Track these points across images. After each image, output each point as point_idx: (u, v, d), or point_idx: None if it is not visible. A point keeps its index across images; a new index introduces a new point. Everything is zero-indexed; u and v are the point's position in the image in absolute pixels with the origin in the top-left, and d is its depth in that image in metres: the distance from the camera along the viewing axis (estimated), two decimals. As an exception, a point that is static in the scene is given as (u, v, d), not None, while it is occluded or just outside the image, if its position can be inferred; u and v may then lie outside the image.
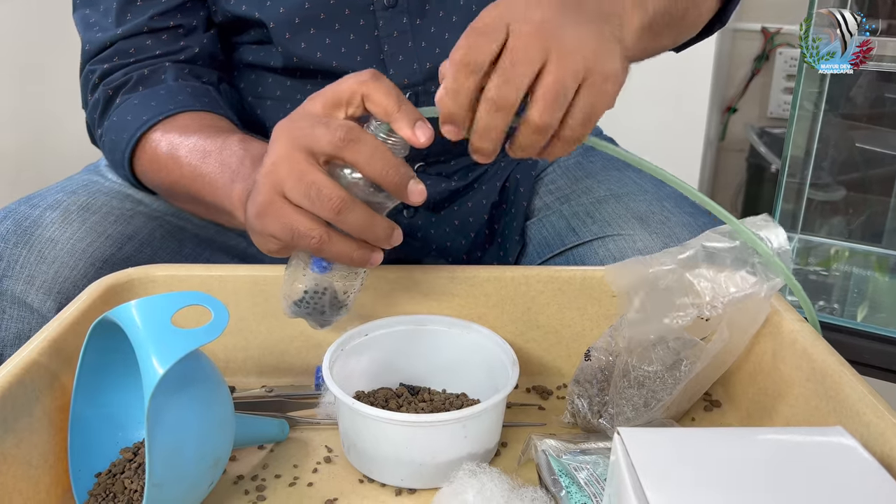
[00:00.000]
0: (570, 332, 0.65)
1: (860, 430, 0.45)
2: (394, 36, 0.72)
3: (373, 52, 0.73)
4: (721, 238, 0.56)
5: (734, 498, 0.35)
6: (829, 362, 0.50)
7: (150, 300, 0.47)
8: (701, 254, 0.56)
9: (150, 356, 0.44)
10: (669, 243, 0.70)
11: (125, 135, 0.69)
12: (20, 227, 0.65)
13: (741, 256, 0.56)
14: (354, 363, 0.60)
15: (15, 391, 0.47)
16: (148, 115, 0.68)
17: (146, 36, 0.73)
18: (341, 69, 0.73)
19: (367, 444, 0.53)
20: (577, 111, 0.47)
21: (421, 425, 0.51)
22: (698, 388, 0.60)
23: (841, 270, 1.04)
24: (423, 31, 0.73)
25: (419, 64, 0.73)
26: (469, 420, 0.51)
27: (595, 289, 0.64)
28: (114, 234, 0.68)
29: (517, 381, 0.54)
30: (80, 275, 0.64)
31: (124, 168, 0.70)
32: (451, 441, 0.52)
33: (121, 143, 0.69)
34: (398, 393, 0.60)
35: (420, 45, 0.73)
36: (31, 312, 0.63)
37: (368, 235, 0.51)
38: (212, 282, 0.63)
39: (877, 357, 0.83)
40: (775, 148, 1.77)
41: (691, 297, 0.54)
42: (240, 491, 0.53)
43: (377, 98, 0.50)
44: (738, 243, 0.56)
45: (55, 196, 0.69)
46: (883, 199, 1.07)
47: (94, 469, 0.52)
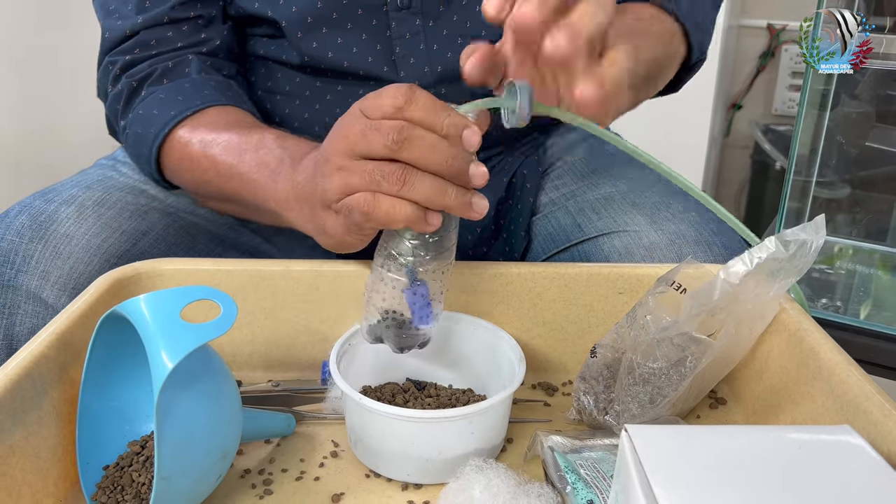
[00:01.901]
0: (575, 328, 0.66)
1: (867, 428, 0.45)
2: (406, 37, 0.72)
3: (384, 53, 0.73)
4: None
5: (742, 496, 0.35)
6: (837, 361, 0.50)
7: (159, 294, 0.47)
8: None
9: (159, 350, 0.44)
10: (676, 240, 0.70)
11: (152, 129, 0.69)
12: (35, 223, 0.65)
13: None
14: (361, 357, 0.60)
15: (24, 384, 0.48)
16: (175, 109, 0.68)
17: (167, 27, 0.73)
18: (353, 69, 0.73)
19: (373, 439, 0.53)
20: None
21: (427, 421, 0.51)
22: (705, 385, 0.60)
23: (845, 268, 1.04)
24: (435, 34, 0.73)
25: (430, 67, 0.73)
26: (476, 416, 0.52)
27: (601, 285, 0.65)
28: (129, 229, 0.69)
29: (524, 378, 0.55)
30: (95, 270, 0.65)
31: (150, 164, 0.70)
32: (457, 437, 0.52)
33: (147, 137, 0.69)
34: (405, 388, 0.60)
35: (432, 47, 0.73)
36: (45, 308, 0.63)
37: (449, 169, 0.49)
38: (219, 276, 0.63)
39: (882, 356, 0.83)
40: (780, 145, 1.77)
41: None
42: (247, 485, 0.53)
43: (419, 117, 0.49)
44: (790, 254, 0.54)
45: (70, 191, 0.69)
46: (888, 198, 1.07)
47: (102, 462, 0.52)
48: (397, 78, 0.73)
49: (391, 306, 0.53)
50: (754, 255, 0.53)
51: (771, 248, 0.53)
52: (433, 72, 0.73)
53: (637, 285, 0.64)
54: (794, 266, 0.54)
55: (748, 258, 0.54)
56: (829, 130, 0.98)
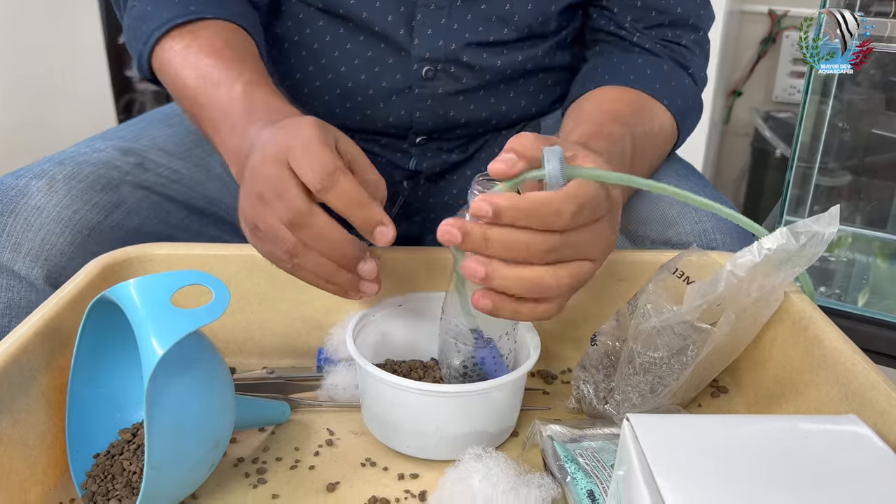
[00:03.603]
0: (575, 316, 0.64)
1: (874, 418, 0.44)
2: (430, 7, 0.71)
3: (405, 16, 0.72)
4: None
5: (746, 485, 0.35)
6: (842, 349, 0.49)
7: (150, 279, 0.46)
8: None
9: (149, 336, 0.43)
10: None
11: (144, 28, 0.67)
12: (6, 197, 0.64)
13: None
14: (382, 332, 0.60)
15: (11, 371, 0.47)
16: (169, 13, 0.65)
17: None
18: (370, 22, 0.72)
19: (384, 410, 0.53)
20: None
21: (442, 395, 0.51)
22: (707, 374, 0.60)
23: (845, 256, 1.04)
24: (460, 13, 0.72)
25: (445, 42, 0.72)
26: (489, 392, 0.51)
27: (601, 272, 0.63)
28: (101, 202, 0.68)
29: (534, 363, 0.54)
30: (67, 242, 0.64)
31: (142, 66, 0.68)
32: (462, 414, 0.52)
33: (140, 36, 0.67)
34: (427, 365, 0.60)
35: (452, 25, 0.72)
36: (19, 281, 0.62)
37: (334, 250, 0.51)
38: (211, 261, 0.62)
39: (883, 343, 0.82)
40: (780, 132, 1.76)
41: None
42: (240, 474, 0.52)
43: (335, 206, 0.49)
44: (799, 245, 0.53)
45: (41, 166, 0.69)
46: (889, 185, 1.06)
47: (93, 450, 0.51)
48: (410, 45, 0.72)
49: (468, 366, 0.55)
50: (763, 246, 0.52)
51: (781, 239, 0.52)
52: (447, 48, 0.72)
53: (638, 272, 0.63)
54: (803, 256, 0.53)
55: (757, 249, 0.52)
56: (831, 117, 0.96)
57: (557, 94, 0.83)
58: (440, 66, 0.73)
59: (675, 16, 0.75)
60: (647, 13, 0.75)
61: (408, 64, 0.73)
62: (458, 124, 0.78)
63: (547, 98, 0.82)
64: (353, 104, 0.76)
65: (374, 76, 0.74)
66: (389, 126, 0.77)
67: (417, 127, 0.77)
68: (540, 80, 0.80)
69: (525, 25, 0.74)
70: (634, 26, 0.76)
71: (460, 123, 0.78)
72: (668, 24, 0.76)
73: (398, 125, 0.77)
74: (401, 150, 0.80)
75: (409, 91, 0.74)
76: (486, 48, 0.74)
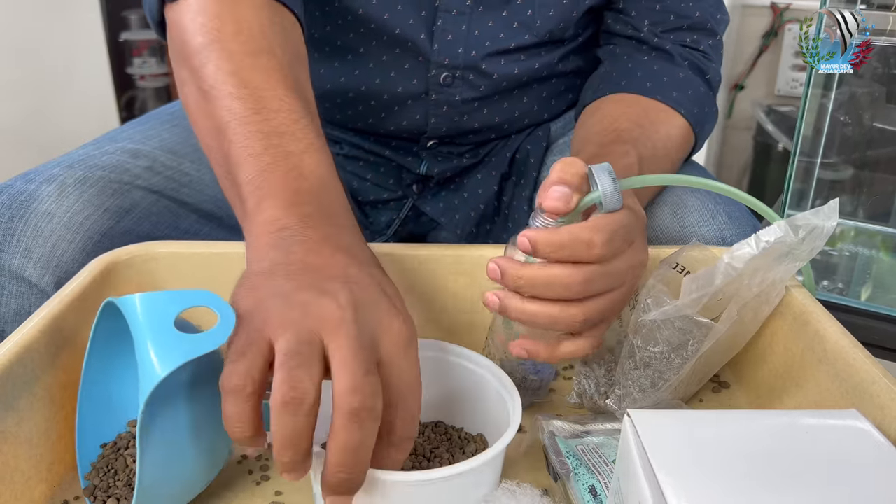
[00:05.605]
0: (576, 311, 0.65)
1: (874, 413, 0.44)
2: (452, 13, 0.71)
3: (426, 21, 0.71)
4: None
5: (747, 481, 0.35)
6: (843, 344, 0.49)
7: (155, 296, 0.44)
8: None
9: (149, 358, 0.41)
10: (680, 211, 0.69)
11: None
12: (15, 202, 0.64)
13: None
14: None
15: (15, 370, 0.47)
16: None
17: None
18: (391, 25, 0.71)
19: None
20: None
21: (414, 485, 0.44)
22: (708, 369, 0.60)
23: (848, 250, 1.03)
24: (481, 21, 0.72)
25: (465, 49, 0.72)
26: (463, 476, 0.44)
27: (603, 268, 0.63)
28: (112, 207, 0.67)
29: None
30: (78, 248, 0.64)
31: (153, 23, 0.61)
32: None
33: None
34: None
35: (473, 32, 0.72)
36: (29, 287, 0.62)
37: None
38: (214, 259, 0.62)
39: (885, 338, 0.82)
40: (783, 126, 1.76)
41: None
42: (244, 471, 0.52)
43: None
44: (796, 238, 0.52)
45: (51, 171, 0.68)
46: (892, 178, 1.05)
47: (101, 439, 0.51)
48: (430, 50, 0.72)
49: (525, 378, 0.57)
50: (762, 238, 0.52)
51: (780, 232, 0.52)
52: (466, 56, 0.72)
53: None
54: (804, 250, 0.53)
55: (755, 242, 0.52)
56: (833, 111, 0.96)
57: (570, 99, 0.83)
58: (458, 73, 0.73)
59: (694, 20, 0.75)
60: (665, 17, 0.75)
61: (426, 69, 0.73)
62: (472, 129, 0.78)
63: (560, 103, 0.82)
64: (366, 108, 0.76)
65: (390, 80, 0.74)
66: (403, 130, 0.77)
67: (431, 132, 0.77)
68: (553, 86, 0.80)
69: (546, 31, 0.74)
70: (652, 30, 0.75)
71: (473, 129, 0.78)
72: (686, 28, 0.75)
73: (412, 129, 0.77)
74: (412, 153, 0.80)
75: (426, 97, 0.74)
76: (505, 55, 0.74)
